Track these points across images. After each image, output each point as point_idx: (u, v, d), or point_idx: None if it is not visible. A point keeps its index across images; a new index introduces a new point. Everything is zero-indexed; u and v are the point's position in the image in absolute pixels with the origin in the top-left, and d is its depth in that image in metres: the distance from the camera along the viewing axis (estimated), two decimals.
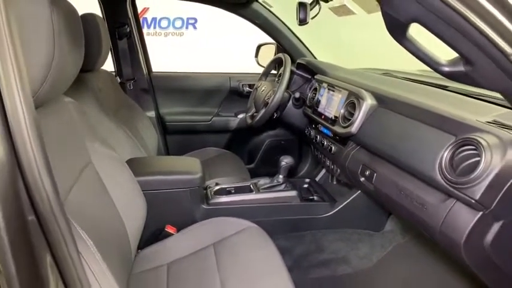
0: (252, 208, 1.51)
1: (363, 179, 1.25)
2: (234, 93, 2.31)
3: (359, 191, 1.55)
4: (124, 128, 1.52)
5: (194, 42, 4.33)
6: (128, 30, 2.00)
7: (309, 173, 2.17)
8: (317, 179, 1.87)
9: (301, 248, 1.55)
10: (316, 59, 2.20)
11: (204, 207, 1.46)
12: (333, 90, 1.53)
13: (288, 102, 1.80)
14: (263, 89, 1.86)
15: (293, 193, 1.56)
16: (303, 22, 1.65)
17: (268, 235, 1.21)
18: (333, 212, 1.59)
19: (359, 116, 1.27)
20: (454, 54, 0.69)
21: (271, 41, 2.20)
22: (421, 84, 1.37)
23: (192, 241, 1.22)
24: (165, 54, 2.64)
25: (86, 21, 1.35)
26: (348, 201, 1.57)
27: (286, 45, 2.16)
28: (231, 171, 1.85)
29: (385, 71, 1.75)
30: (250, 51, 2.28)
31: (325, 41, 2.53)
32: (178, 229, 1.32)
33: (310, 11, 1.65)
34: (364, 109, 1.26)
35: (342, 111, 1.38)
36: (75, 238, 0.55)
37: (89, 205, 0.88)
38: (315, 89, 1.69)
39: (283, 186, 1.60)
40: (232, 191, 1.57)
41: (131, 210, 1.06)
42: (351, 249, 1.55)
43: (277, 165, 1.59)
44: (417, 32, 0.69)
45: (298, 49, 2.17)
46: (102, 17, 1.52)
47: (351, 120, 1.30)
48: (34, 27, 0.65)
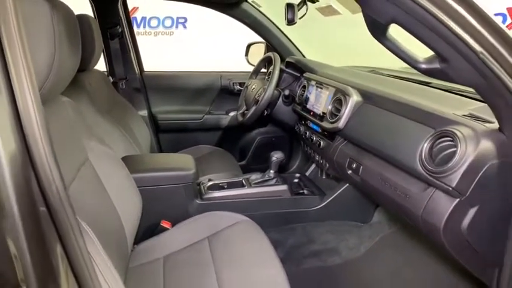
0: (244, 202, 1.55)
1: (350, 172, 1.31)
2: (225, 91, 2.34)
3: (347, 184, 1.60)
4: (118, 126, 1.55)
5: (184, 42, 4.34)
6: (120, 30, 2.02)
7: (299, 169, 2.21)
8: (307, 173, 1.92)
9: (292, 240, 1.60)
10: (304, 57, 2.24)
11: (198, 202, 1.49)
12: (320, 88, 1.58)
13: (278, 99, 1.84)
14: (253, 87, 1.89)
15: (284, 187, 1.61)
16: (291, 22, 1.69)
17: (260, 228, 1.25)
18: (322, 205, 1.64)
19: (345, 111, 1.32)
20: (431, 53, 0.75)
21: (261, 39, 2.23)
22: (404, 81, 1.43)
23: (187, 235, 1.25)
24: (154, 54, 2.65)
25: (80, 22, 1.37)
26: (337, 194, 1.62)
27: (275, 44, 2.20)
28: (223, 167, 1.88)
29: (371, 69, 1.81)
30: (240, 49, 2.31)
31: (313, 40, 2.58)
32: (173, 224, 1.35)
33: (298, 11, 1.69)
34: (350, 105, 1.31)
35: (330, 108, 1.43)
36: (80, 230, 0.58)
37: (87, 201, 0.91)
38: (304, 87, 1.73)
39: (274, 180, 1.64)
40: (225, 186, 1.61)
41: (127, 206, 1.09)
42: (340, 240, 1.60)
43: (268, 161, 1.64)
44: (397, 32, 0.74)
45: (287, 48, 2.21)
46: (94, 18, 1.54)
47: (338, 116, 1.35)
48: (37, 30, 0.68)
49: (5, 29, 0.46)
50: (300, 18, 1.70)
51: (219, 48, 4.03)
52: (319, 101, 1.55)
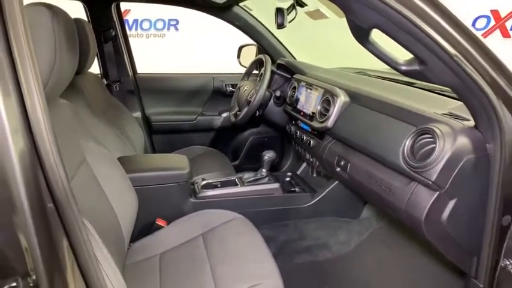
0: (237, 200, 1.59)
1: (338, 169, 1.36)
2: (218, 93, 2.38)
3: (336, 182, 1.65)
4: (113, 127, 1.57)
5: (176, 44, 4.35)
6: (113, 33, 2.05)
7: (291, 168, 2.23)
8: (298, 172, 1.96)
9: (284, 236, 1.64)
10: (295, 59, 2.29)
11: (192, 200, 1.53)
12: (310, 89, 1.62)
13: (269, 100, 1.88)
14: (245, 88, 1.93)
15: (276, 185, 1.65)
16: (281, 26, 1.74)
17: (253, 225, 1.28)
18: (313, 202, 1.68)
19: (334, 111, 1.37)
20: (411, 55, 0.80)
21: (253, 42, 2.26)
22: (390, 82, 1.49)
23: (182, 232, 1.28)
24: (146, 56, 2.67)
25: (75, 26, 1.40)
26: (327, 191, 1.67)
27: (266, 46, 2.23)
28: (216, 167, 1.91)
29: (359, 70, 1.87)
30: (232, 51, 2.33)
31: (303, 42, 2.63)
32: (169, 222, 1.38)
33: (288, 15, 1.74)
34: (338, 105, 1.36)
35: (319, 108, 1.48)
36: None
37: (86, 201, 0.93)
38: (294, 88, 1.78)
39: (266, 179, 1.67)
40: (219, 185, 1.64)
41: (124, 205, 1.12)
42: (330, 236, 1.64)
43: (260, 160, 1.68)
44: (379, 36, 0.79)
45: (278, 50, 2.25)
46: (87, 22, 1.57)
47: (326, 115, 1.40)
48: (39, 36, 0.72)
49: (14, 35, 0.49)
50: (289, 22, 1.75)
51: (210, 50, 4.06)
52: (309, 101, 1.60)
